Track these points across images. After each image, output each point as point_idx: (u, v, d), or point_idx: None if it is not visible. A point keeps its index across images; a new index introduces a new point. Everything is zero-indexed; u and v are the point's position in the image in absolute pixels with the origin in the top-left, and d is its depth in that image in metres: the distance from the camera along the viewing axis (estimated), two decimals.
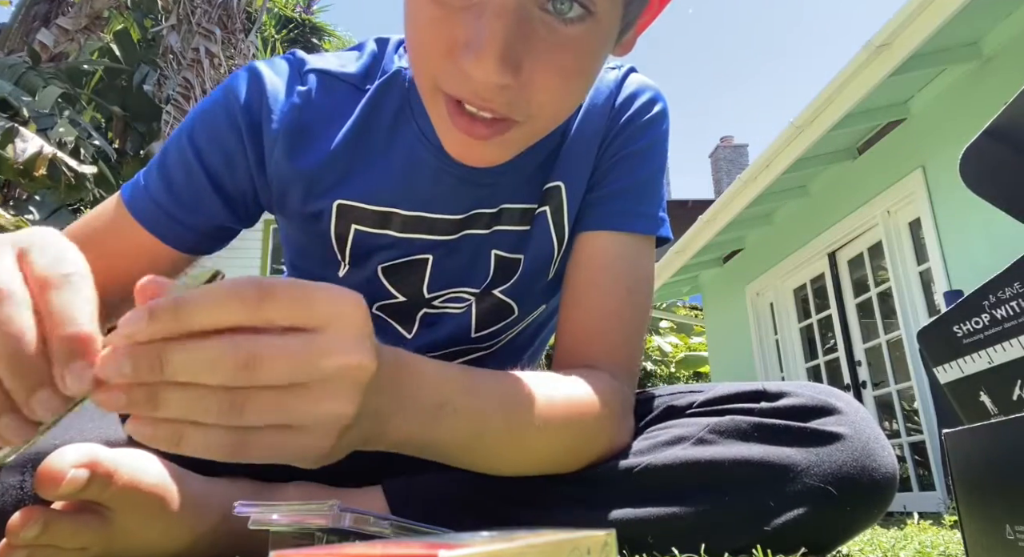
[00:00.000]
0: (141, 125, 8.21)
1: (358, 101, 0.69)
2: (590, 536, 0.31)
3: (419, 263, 0.73)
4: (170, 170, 0.70)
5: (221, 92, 0.69)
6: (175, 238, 0.70)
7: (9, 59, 6.99)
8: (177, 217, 0.69)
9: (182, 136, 0.70)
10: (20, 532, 0.43)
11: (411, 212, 0.70)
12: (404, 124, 0.69)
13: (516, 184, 0.72)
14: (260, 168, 0.69)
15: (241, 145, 0.68)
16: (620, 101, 0.74)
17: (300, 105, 0.68)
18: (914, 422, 4.32)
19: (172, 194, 0.69)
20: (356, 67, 0.71)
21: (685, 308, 11.22)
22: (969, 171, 0.59)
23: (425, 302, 0.75)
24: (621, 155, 0.73)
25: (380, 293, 0.74)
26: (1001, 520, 0.41)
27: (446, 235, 0.71)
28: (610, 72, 0.76)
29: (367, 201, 0.69)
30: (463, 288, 0.75)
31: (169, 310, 0.34)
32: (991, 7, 3.10)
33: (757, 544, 0.55)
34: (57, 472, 0.43)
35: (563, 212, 0.73)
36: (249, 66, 0.70)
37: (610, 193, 0.72)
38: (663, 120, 0.76)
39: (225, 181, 0.69)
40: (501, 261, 0.74)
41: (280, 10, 12.45)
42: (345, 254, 0.72)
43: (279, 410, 0.37)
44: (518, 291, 0.77)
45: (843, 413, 0.62)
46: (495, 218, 0.72)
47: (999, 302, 0.50)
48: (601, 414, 0.61)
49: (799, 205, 5.00)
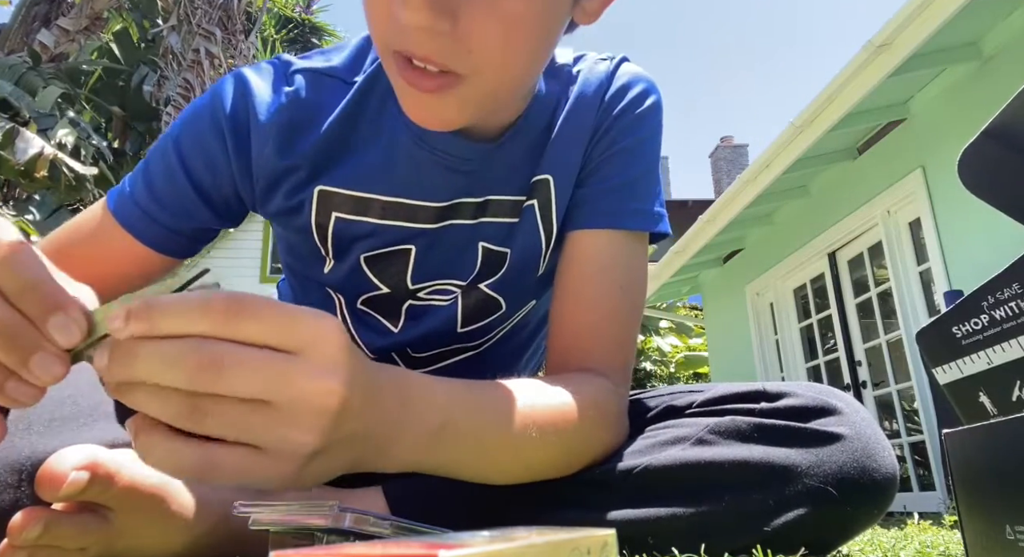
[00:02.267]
0: (140, 125, 8.21)
1: (345, 94, 0.70)
2: (590, 536, 0.31)
3: (402, 253, 0.72)
4: (153, 176, 0.71)
5: (208, 97, 0.70)
6: (161, 242, 0.71)
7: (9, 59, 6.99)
8: (160, 221, 0.70)
9: (168, 141, 0.70)
10: (21, 533, 0.43)
11: (391, 197, 0.70)
12: (388, 112, 0.69)
13: (500, 173, 0.71)
14: (244, 172, 0.69)
15: (224, 151, 0.69)
16: (612, 93, 0.73)
17: (287, 104, 0.68)
18: (914, 422, 4.32)
19: (155, 199, 0.70)
20: (341, 61, 0.72)
21: (685, 308, 11.21)
22: (968, 171, 0.59)
23: (410, 294, 0.75)
24: (613, 150, 0.72)
25: (364, 285, 0.74)
26: (1001, 520, 0.41)
27: (428, 223, 0.71)
28: (601, 63, 0.75)
29: (347, 187, 0.69)
30: (449, 280, 0.75)
31: (143, 311, 0.35)
32: (991, 7, 3.10)
33: (757, 544, 0.55)
34: (58, 474, 0.43)
35: (551, 206, 0.72)
36: (235, 72, 0.71)
37: (603, 190, 0.72)
38: (657, 113, 0.75)
39: (207, 185, 0.70)
40: (488, 254, 0.74)
41: (280, 10, 12.45)
42: (327, 245, 0.72)
43: (241, 425, 0.36)
44: (505, 286, 0.76)
45: (843, 413, 0.62)
46: (481, 209, 0.72)
47: (998, 303, 0.50)
48: (596, 419, 0.60)
49: (799, 205, 5.00)
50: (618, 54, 0.77)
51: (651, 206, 0.73)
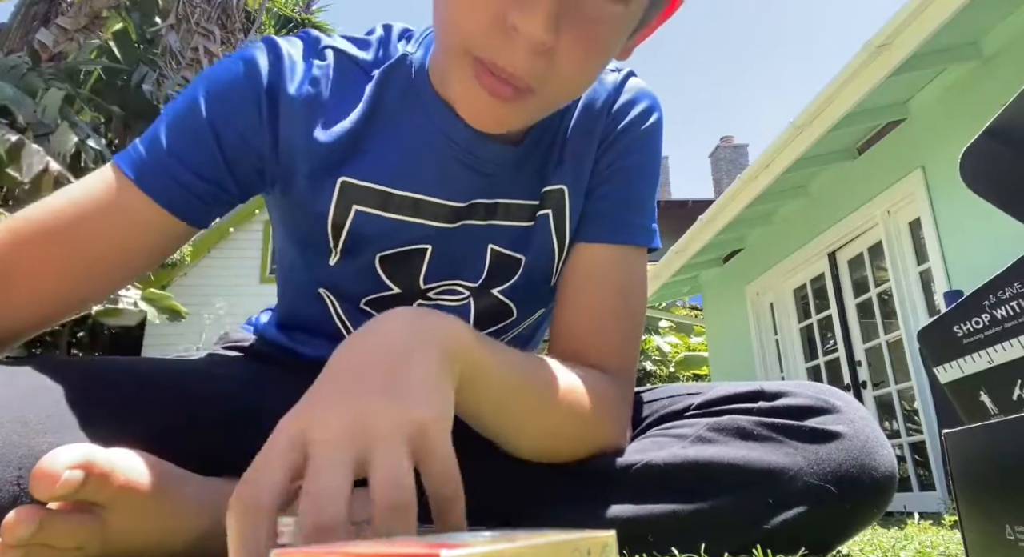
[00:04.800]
0: (140, 124, 8.21)
1: (365, 84, 0.69)
2: (591, 537, 0.31)
3: (418, 253, 0.72)
4: (174, 142, 0.65)
5: (239, 64, 0.66)
6: (184, 209, 0.65)
7: (9, 60, 6.99)
8: (187, 186, 0.65)
9: (191, 106, 0.65)
10: (15, 531, 0.43)
11: (413, 194, 0.69)
12: (410, 107, 0.68)
13: (516, 178, 0.72)
14: (272, 145, 0.67)
15: (259, 119, 0.65)
16: (619, 106, 0.75)
17: (318, 78, 0.67)
18: (914, 422, 4.32)
19: (182, 163, 0.64)
20: (365, 52, 0.71)
21: (685, 308, 11.21)
22: (969, 171, 0.58)
23: (420, 293, 0.74)
24: (620, 165, 0.73)
25: (373, 285, 0.73)
26: (1001, 520, 0.41)
27: (446, 222, 0.71)
28: (610, 74, 0.76)
29: (370, 180, 0.68)
30: (458, 281, 0.74)
31: None
32: (991, 7, 3.10)
33: (756, 543, 0.55)
34: (52, 473, 0.43)
35: (565, 216, 0.73)
36: (265, 38, 0.69)
37: (609, 204, 0.73)
38: (660, 130, 0.77)
39: (236, 154, 0.66)
40: (498, 257, 0.74)
41: (279, 10, 12.46)
42: (339, 240, 0.70)
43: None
44: (518, 293, 0.76)
45: (842, 412, 0.62)
46: (491, 211, 0.72)
47: (999, 302, 0.50)
48: (605, 409, 0.61)
49: (799, 205, 4.99)
50: (625, 67, 0.78)
51: (650, 222, 0.75)
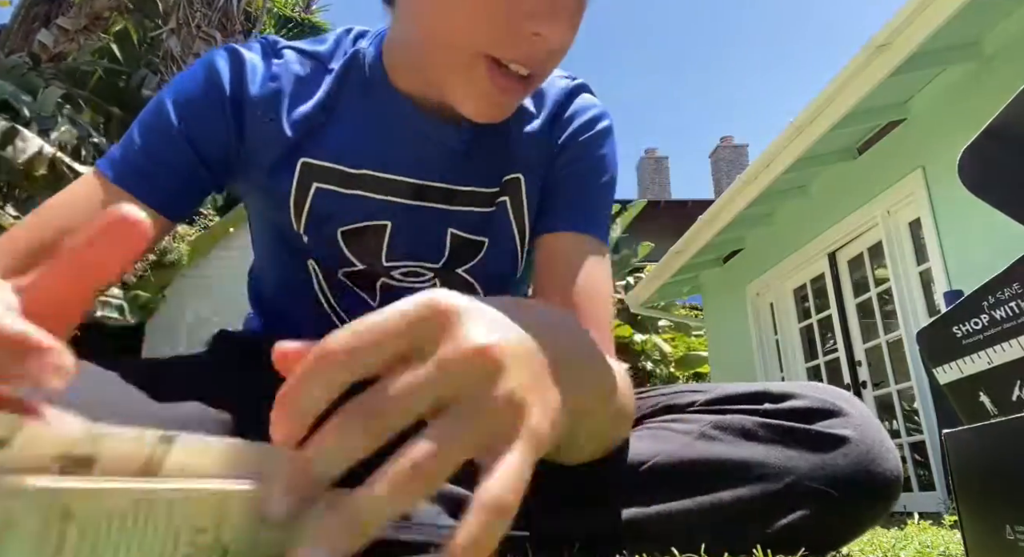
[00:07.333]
0: None
1: (324, 76, 0.74)
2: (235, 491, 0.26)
3: (378, 229, 0.75)
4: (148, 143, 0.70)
5: (201, 70, 0.72)
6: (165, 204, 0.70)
7: (10, 60, 6.99)
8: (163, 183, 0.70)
9: (160, 110, 0.71)
10: None
11: (371, 171, 0.73)
12: (366, 95, 0.73)
13: (475, 162, 0.75)
14: (240, 137, 0.72)
15: (223, 120, 0.71)
16: (572, 109, 0.78)
17: (278, 73, 0.73)
18: (914, 422, 4.32)
19: (156, 162, 0.70)
20: (322, 49, 0.76)
21: (685, 308, 11.21)
22: (968, 171, 0.59)
23: (383, 271, 0.77)
24: (577, 167, 0.77)
25: (341, 259, 0.76)
26: (1001, 520, 0.41)
27: (405, 198, 0.74)
28: (560, 79, 0.80)
29: (329, 160, 0.72)
30: (420, 262, 0.77)
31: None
32: (991, 7, 3.10)
33: (758, 544, 0.55)
34: None
35: (523, 207, 0.77)
36: (225, 46, 0.75)
37: (569, 199, 0.76)
38: (612, 134, 0.80)
39: (207, 152, 0.71)
40: (459, 241, 0.77)
41: (279, 10, 12.46)
42: (302, 218, 0.74)
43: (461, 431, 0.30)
44: (479, 272, 0.79)
45: (849, 416, 0.62)
46: (449, 197, 0.75)
47: (998, 302, 0.50)
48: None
49: (799, 205, 4.99)
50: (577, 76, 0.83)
51: (606, 219, 0.78)
